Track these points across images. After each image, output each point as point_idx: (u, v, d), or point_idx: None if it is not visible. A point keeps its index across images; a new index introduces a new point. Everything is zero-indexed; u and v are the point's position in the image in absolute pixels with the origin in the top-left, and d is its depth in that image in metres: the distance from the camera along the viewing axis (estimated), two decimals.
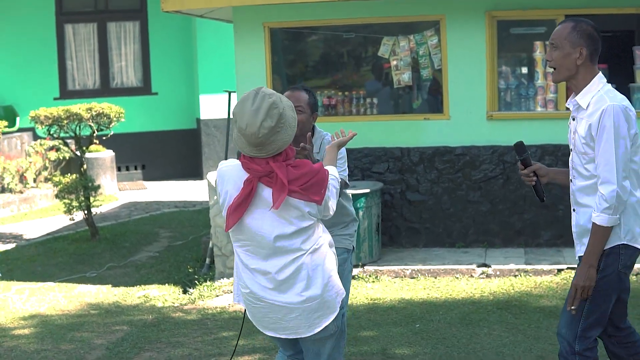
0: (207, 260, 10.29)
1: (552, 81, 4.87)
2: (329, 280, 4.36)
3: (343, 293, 4.45)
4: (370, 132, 10.09)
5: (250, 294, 4.43)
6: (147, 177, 17.85)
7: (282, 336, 4.48)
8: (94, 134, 12.17)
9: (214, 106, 16.70)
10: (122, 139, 16.83)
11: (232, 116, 4.14)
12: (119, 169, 17.50)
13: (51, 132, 11.96)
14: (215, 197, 9.03)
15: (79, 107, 11.84)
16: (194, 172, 17.52)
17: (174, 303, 8.98)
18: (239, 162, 4.31)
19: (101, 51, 17.41)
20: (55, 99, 16.96)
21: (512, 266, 9.15)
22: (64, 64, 17.33)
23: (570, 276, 8.90)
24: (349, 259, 5.98)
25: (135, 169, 17.89)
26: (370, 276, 9.31)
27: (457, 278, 9.14)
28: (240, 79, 10.31)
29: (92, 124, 11.88)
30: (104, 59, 17.46)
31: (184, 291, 9.45)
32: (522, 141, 4.89)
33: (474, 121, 9.86)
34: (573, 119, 4.68)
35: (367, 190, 9.46)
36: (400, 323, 7.80)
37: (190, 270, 10.31)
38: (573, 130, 4.67)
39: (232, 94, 11.25)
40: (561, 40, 4.56)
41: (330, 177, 4.36)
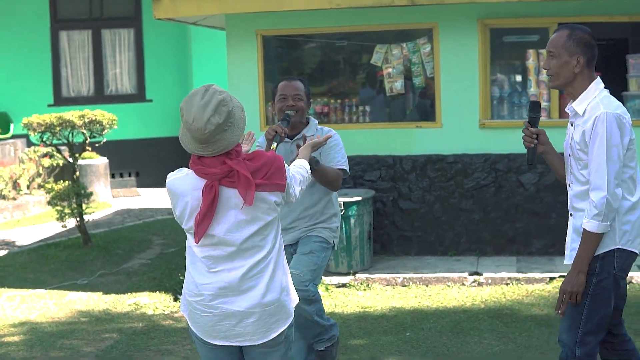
0: None
1: (550, 87, 4.93)
2: (287, 283, 4.29)
3: (297, 300, 4.37)
4: (362, 140, 10.08)
5: (201, 301, 4.21)
6: (141, 184, 17.83)
7: (235, 344, 4.25)
8: (87, 141, 12.14)
9: None
10: (116, 146, 16.80)
11: (180, 110, 4.06)
12: (112, 175, 17.47)
13: (44, 139, 11.92)
14: None
15: (71, 114, 11.80)
16: None
17: (164, 311, 8.94)
18: (189, 170, 4.15)
19: (96, 58, 17.39)
20: (49, 105, 16.92)
21: (504, 274, 9.13)
22: (58, 70, 17.31)
23: None
24: (329, 254, 6.03)
25: (129, 175, 17.86)
26: (361, 284, 9.28)
27: (449, 286, 9.12)
28: (233, 86, 10.29)
29: (84, 131, 11.84)
30: (98, 66, 17.45)
31: (175, 299, 9.41)
32: (539, 101, 4.96)
33: (467, 129, 9.84)
34: (571, 124, 4.69)
35: (359, 198, 9.44)
36: (391, 331, 7.77)
37: (182, 278, 10.25)
38: (570, 135, 4.68)
39: None
40: (558, 49, 4.57)
41: (291, 165, 4.52)
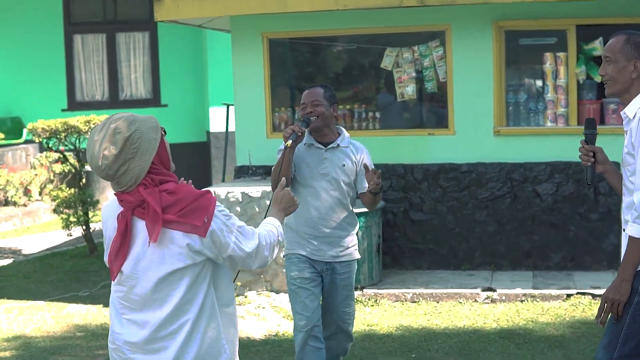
0: None
1: (607, 94, 4.59)
2: (201, 347, 3.59)
3: None
4: (372, 148, 9.42)
5: (117, 349, 3.69)
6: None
7: None
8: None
9: (224, 119, 16.33)
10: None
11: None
12: None
13: (50, 145, 11.65)
14: None
15: (77, 119, 11.50)
16: (203, 185, 17.09)
17: None
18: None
19: (110, 62, 17.09)
20: (63, 110, 16.63)
21: (519, 290, 8.68)
22: (72, 75, 17.03)
23: (580, 302, 8.44)
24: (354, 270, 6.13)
25: None
26: (369, 300, 8.87)
27: (461, 303, 8.68)
28: (238, 90, 9.96)
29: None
30: (112, 70, 17.15)
31: None
32: (594, 118, 4.77)
33: (481, 137, 9.41)
34: (625, 132, 4.43)
35: (366, 210, 9.00)
36: (396, 352, 7.37)
37: None
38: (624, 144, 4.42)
39: (230, 106, 10.87)
40: (615, 54, 4.41)
41: (224, 212, 3.58)
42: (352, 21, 9.60)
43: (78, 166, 11.94)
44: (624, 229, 4.42)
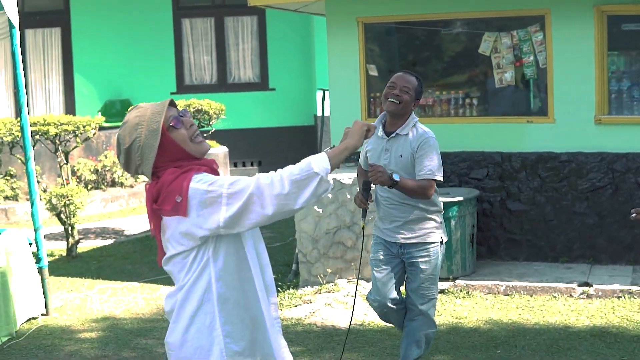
0: (294, 267, 9.80)
1: None
2: (187, 331, 3.59)
3: None
4: (468, 135, 9.41)
5: None
6: (263, 173, 17.56)
7: None
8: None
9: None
10: (239, 135, 16.61)
11: None
12: (235, 164, 17.26)
13: None
14: None
15: (177, 103, 11.57)
16: None
17: None
18: None
19: (218, 46, 17.19)
20: (172, 93, 16.86)
21: (616, 286, 8.30)
22: (181, 58, 17.20)
23: None
24: (440, 254, 6.11)
25: (252, 165, 17.62)
26: (461, 291, 8.64)
27: (555, 297, 8.37)
28: (333, 75, 9.83)
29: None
30: (221, 54, 17.25)
31: None
32: None
33: (581, 125, 9.02)
34: None
35: (460, 199, 8.77)
36: (481, 348, 7.13)
37: (275, 277, 9.84)
38: None
39: (326, 92, 10.74)
40: None
41: (204, 180, 3.47)
42: (449, 5, 9.34)
43: None
44: None
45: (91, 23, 16.96)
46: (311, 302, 8.54)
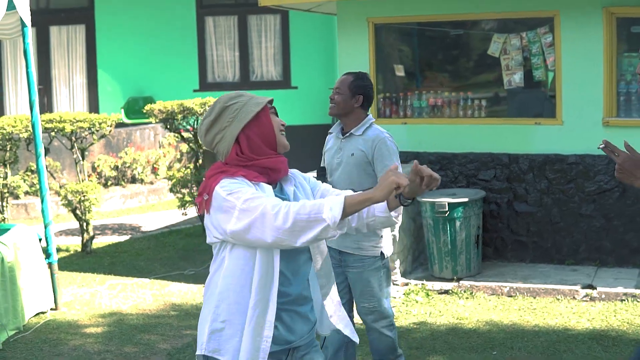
0: None
1: None
2: (206, 317, 3.74)
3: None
4: (477, 136, 9.42)
5: None
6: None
7: None
8: None
9: None
10: None
11: None
12: None
13: (167, 127, 11.88)
14: None
15: (192, 101, 11.70)
16: None
17: None
18: None
19: (241, 44, 17.26)
20: (194, 90, 16.94)
21: (620, 289, 8.29)
22: (204, 56, 17.29)
23: None
24: (381, 269, 5.84)
25: None
26: (465, 292, 8.66)
27: (558, 299, 8.36)
28: None
29: None
30: (244, 51, 17.31)
31: None
32: None
33: (589, 127, 9.00)
34: None
35: (466, 200, 8.78)
36: (477, 349, 7.15)
37: None
38: None
39: None
40: None
41: (227, 188, 3.52)
42: (459, 6, 9.35)
43: (195, 147, 12.13)
44: None
45: (115, 21, 17.11)
46: None
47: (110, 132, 11.40)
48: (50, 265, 8.69)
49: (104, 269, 10.40)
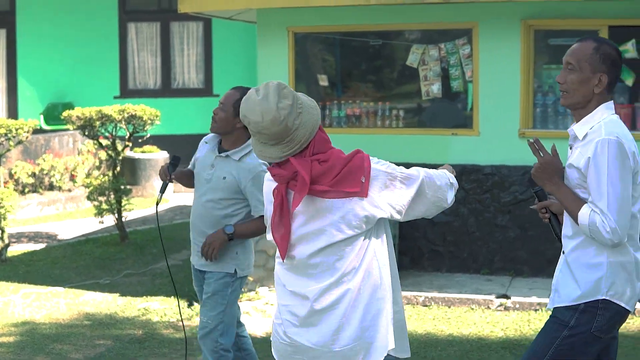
0: None
1: (561, 104, 4.19)
2: (372, 320, 3.53)
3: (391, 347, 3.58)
4: (394, 146, 9.47)
5: (281, 324, 3.66)
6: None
7: None
8: (130, 136, 11.86)
9: None
10: (181, 140, 16.56)
11: (241, 119, 3.54)
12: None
13: (85, 133, 11.72)
14: None
15: (111, 108, 11.56)
16: None
17: (170, 318, 8.53)
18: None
19: (164, 51, 17.16)
20: (115, 97, 16.77)
21: (534, 299, 8.40)
22: (125, 62, 17.15)
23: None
24: (230, 285, 5.51)
25: None
26: None
27: (473, 309, 8.44)
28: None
29: (124, 126, 11.55)
30: (166, 59, 17.21)
31: (190, 304, 8.98)
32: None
33: (505, 138, 9.12)
34: (570, 147, 4.10)
35: None
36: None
37: None
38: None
39: None
40: (581, 62, 3.96)
41: (382, 162, 3.55)
42: (378, 17, 9.40)
43: (114, 154, 11.98)
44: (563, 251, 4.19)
45: (37, 25, 16.88)
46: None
47: (27, 138, 11.21)
48: None
49: (18, 277, 10.20)
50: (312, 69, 10.11)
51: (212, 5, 9.28)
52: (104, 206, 11.73)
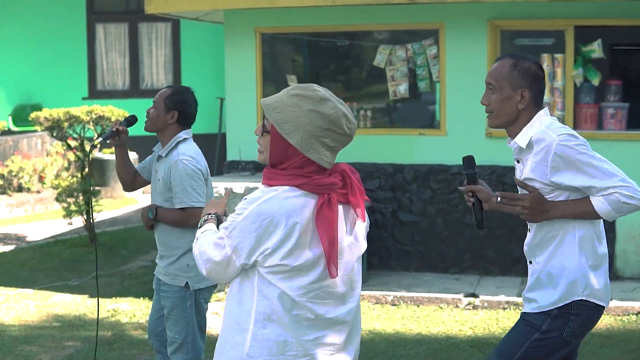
0: None
1: (489, 126, 4.20)
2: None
3: None
4: (362, 147, 9.47)
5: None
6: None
7: None
8: (98, 138, 11.80)
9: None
10: (150, 141, 16.48)
11: (329, 122, 3.19)
12: None
13: (53, 135, 11.67)
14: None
15: (79, 109, 11.51)
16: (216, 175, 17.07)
17: (140, 319, 8.51)
18: (282, 188, 3.17)
19: (132, 52, 17.09)
20: (83, 98, 16.66)
21: (502, 298, 8.47)
22: (93, 63, 17.05)
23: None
24: (187, 298, 5.37)
25: None
26: None
27: (442, 308, 8.49)
28: (230, 84, 9.85)
29: (92, 127, 11.51)
30: (134, 59, 17.14)
31: None
32: (472, 156, 4.31)
33: (473, 138, 9.19)
34: (517, 161, 4.12)
35: None
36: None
37: None
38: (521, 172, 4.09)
39: (223, 100, 10.77)
40: (499, 82, 3.96)
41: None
42: (345, 17, 9.44)
43: (82, 155, 11.94)
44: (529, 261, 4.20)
45: (4, 27, 16.76)
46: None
47: None
48: None
49: None
50: (281, 70, 10.13)
51: (178, 6, 9.27)
52: (73, 207, 11.68)
